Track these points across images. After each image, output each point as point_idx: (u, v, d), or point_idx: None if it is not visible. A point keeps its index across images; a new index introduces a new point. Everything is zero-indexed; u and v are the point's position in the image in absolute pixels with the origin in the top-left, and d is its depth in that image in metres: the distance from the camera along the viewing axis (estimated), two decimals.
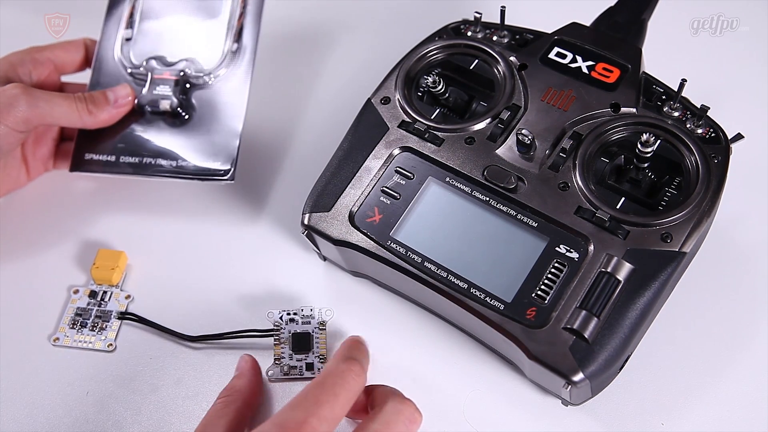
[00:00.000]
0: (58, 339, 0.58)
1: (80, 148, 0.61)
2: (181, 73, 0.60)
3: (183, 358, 0.57)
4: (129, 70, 0.62)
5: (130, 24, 0.63)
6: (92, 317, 0.58)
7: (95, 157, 0.61)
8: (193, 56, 0.61)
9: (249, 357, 0.54)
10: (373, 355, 0.57)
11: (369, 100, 0.60)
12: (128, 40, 0.62)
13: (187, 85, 0.60)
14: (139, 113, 0.61)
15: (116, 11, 0.63)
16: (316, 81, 0.72)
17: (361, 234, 0.55)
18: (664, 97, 0.57)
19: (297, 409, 0.43)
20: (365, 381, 0.47)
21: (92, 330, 0.58)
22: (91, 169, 0.61)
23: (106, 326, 0.58)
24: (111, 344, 0.57)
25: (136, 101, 0.60)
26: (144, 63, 0.61)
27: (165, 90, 0.59)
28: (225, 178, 0.58)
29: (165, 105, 0.59)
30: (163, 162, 0.60)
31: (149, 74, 0.60)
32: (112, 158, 0.61)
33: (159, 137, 0.60)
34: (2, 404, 0.55)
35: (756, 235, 0.61)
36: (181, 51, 0.62)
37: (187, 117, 0.60)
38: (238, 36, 0.62)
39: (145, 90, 0.60)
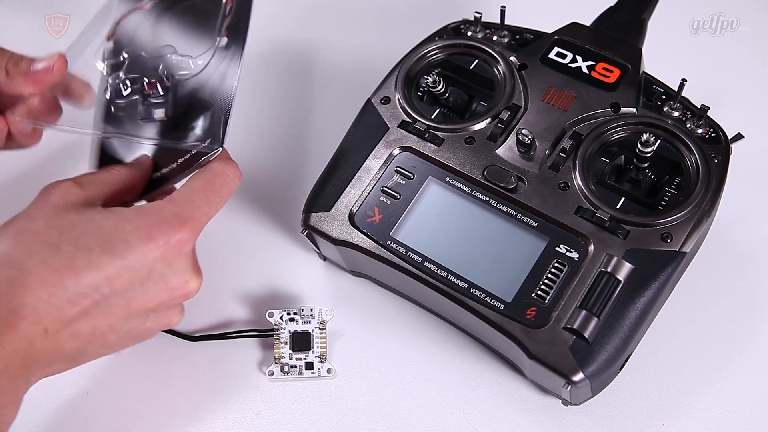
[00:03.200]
0: None
1: None
2: (165, 75, 0.57)
3: (183, 358, 0.57)
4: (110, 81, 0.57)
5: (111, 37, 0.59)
6: None
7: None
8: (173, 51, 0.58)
9: (147, 158, 0.52)
10: (373, 354, 0.57)
11: (369, 100, 0.60)
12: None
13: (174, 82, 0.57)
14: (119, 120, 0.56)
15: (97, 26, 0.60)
16: (316, 81, 0.72)
17: (361, 234, 0.55)
18: (664, 97, 0.57)
19: (191, 205, 0.46)
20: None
21: None
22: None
23: None
24: None
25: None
26: (124, 79, 0.56)
27: (156, 98, 0.57)
28: (214, 149, 0.55)
29: (160, 114, 0.57)
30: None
31: (139, 86, 0.57)
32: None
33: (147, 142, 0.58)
34: None
35: (756, 235, 0.61)
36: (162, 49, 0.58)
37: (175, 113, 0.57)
38: (227, 31, 0.59)
39: (140, 108, 0.57)
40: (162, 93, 0.55)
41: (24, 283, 0.42)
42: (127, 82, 0.55)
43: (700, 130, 0.55)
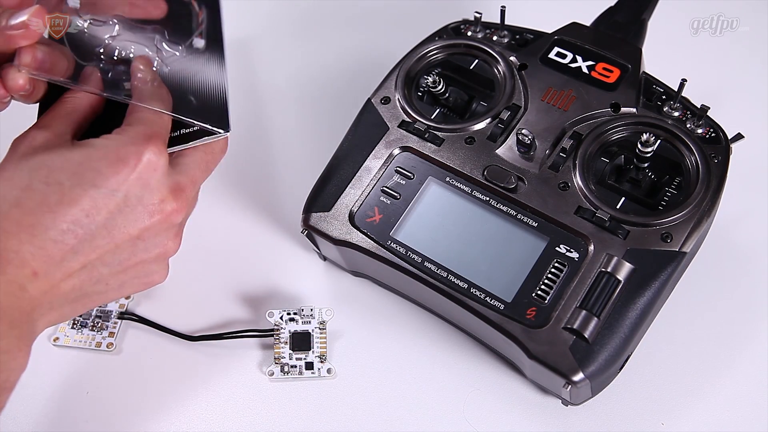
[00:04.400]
0: (58, 339, 0.57)
1: None
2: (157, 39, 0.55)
3: (183, 358, 0.57)
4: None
5: None
6: (92, 317, 0.58)
7: None
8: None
9: (92, 69, 0.49)
10: (373, 354, 0.57)
11: (369, 100, 0.60)
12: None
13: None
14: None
15: None
16: (316, 81, 0.72)
17: (361, 234, 0.55)
18: (664, 97, 0.57)
19: (156, 123, 0.46)
20: None
21: (92, 330, 0.58)
22: None
23: (106, 326, 0.58)
24: (111, 344, 0.57)
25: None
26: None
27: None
28: (222, 132, 0.54)
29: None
30: None
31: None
32: None
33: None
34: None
35: (756, 235, 0.61)
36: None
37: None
38: (202, 35, 0.57)
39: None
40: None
41: (1, 228, 0.41)
42: (119, 48, 0.53)
43: (700, 130, 0.55)
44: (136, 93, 0.48)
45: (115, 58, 0.53)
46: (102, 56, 0.52)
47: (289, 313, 0.57)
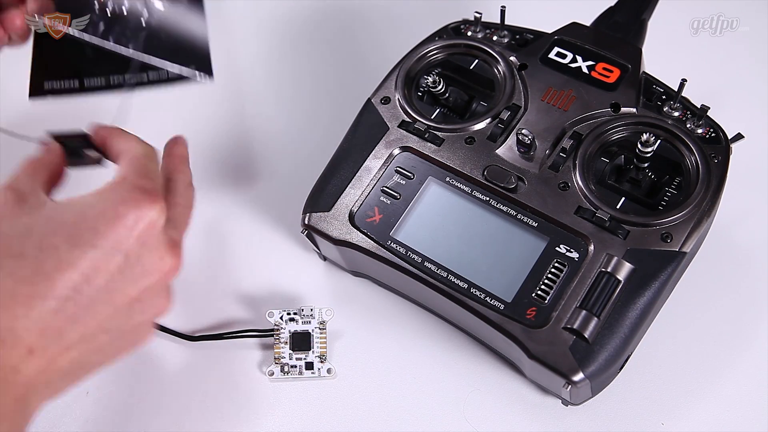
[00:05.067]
0: None
1: (38, 75, 0.57)
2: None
3: (183, 358, 0.57)
4: None
5: None
6: None
7: (56, 84, 0.57)
8: None
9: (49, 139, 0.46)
10: (373, 354, 0.57)
11: (369, 100, 0.60)
12: None
13: None
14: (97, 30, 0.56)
15: None
16: (316, 81, 0.72)
17: (361, 234, 0.55)
18: (664, 97, 0.57)
19: (153, 179, 0.43)
20: None
21: None
22: (53, 94, 0.56)
23: None
24: None
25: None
26: None
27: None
28: (203, 76, 0.53)
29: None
30: (133, 76, 0.57)
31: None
32: (76, 83, 0.58)
33: (125, 52, 0.57)
34: None
35: (756, 235, 0.61)
36: None
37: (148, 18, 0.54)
38: None
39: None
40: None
41: None
42: (112, 1, 0.54)
43: (700, 130, 0.55)
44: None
45: (108, 10, 0.53)
46: (96, 8, 0.53)
47: (289, 313, 0.57)
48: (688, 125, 0.55)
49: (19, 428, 0.38)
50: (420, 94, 0.61)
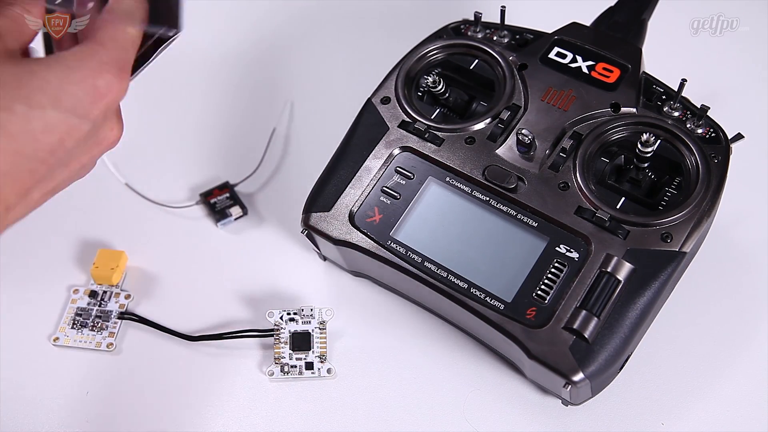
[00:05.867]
0: (58, 339, 0.58)
1: None
2: None
3: (183, 358, 0.57)
4: None
5: None
6: (92, 317, 0.58)
7: None
8: None
9: None
10: (373, 354, 0.57)
11: (369, 100, 0.60)
12: None
13: None
14: None
15: None
16: (315, 81, 0.72)
17: (361, 234, 0.55)
18: (664, 97, 0.57)
19: (126, 53, 0.43)
20: None
21: (92, 330, 0.58)
22: None
23: (106, 326, 0.58)
24: (111, 344, 0.57)
25: None
26: None
27: None
28: (174, 36, 0.51)
29: None
30: None
31: None
32: None
33: None
34: (2, 404, 0.55)
35: (756, 235, 0.61)
36: None
37: None
38: None
39: None
40: None
41: None
42: None
43: (700, 130, 0.55)
44: (112, 6, 0.44)
45: None
46: None
47: (289, 313, 0.57)
48: (688, 125, 0.55)
49: None
50: (420, 94, 0.61)
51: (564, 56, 0.59)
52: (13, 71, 0.39)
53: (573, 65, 0.58)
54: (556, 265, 0.52)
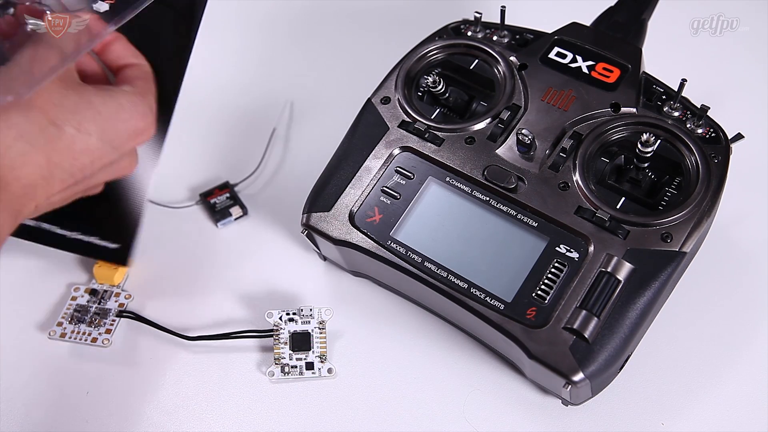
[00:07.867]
0: (54, 332, 0.57)
1: None
2: None
3: (182, 358, 0.57)
4: None
5: None
6: (91, 313, 0.58)
7: None
8: None
9: None
10: (373, 354, 0.57)
11: (369, 100, 0.60)
12: None
13: None
14: None
15: None
16: (315, 81, 0.72)
17: (361, 234, 0.55)
18: (664, 97, 0.57)
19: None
20: None
21: (89, 326, 0.58)
22: None
23: (103, 323, 0.58)
24: (107, 340, 0.57)
25: None
26: None
27: None
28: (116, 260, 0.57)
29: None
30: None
31: None
32: None
33: None
34: (1, 403, 0.55)
35: (756, 235, 0.61)
36: None
37: None
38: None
39: None
40: None
41: (31, 161, 0.44)
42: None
43: (700, 130, 0.55)
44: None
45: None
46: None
47: (288, 314, 0.57)
48: (688, 125, 0.55)
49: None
50: (420, 94, 0.61)
51: (564, 56, 0.59)
52: (74, 99, 0.46)
53: (573, 65, 0.58)
54: (556, 265, 0.52)
